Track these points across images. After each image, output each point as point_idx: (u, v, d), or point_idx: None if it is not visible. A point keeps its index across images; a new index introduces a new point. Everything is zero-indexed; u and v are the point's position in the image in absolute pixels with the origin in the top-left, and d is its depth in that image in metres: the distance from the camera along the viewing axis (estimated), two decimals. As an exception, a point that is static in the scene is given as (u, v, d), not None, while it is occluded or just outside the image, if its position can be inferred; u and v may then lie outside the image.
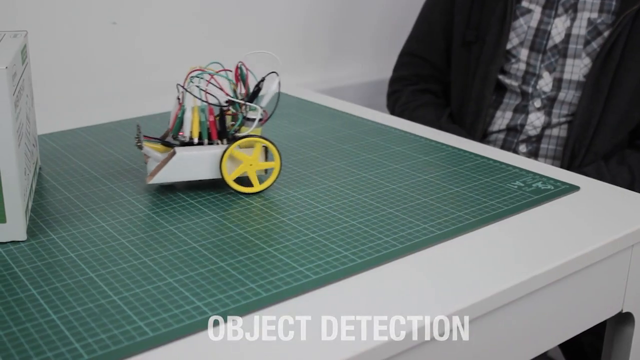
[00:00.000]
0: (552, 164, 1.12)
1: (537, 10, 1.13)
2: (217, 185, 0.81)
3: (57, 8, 1.12)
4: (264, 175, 0.81)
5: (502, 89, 1.18)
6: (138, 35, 1.21)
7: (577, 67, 1.10)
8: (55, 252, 0.66)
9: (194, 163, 0.78)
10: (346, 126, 1.03)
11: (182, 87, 0.78)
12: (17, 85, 0.69)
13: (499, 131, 1.17)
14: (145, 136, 0.81)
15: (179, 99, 0.79)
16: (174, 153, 0.78)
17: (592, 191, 0.81)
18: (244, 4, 1.31)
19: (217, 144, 0.79)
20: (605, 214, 0.75)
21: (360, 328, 0.55)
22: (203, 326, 0.54)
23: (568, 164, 1.11)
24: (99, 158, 0.90)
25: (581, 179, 0.84)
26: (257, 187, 0.79)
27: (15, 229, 0.67)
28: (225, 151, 0.77)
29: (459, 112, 1.22)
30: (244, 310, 0.56)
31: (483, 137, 1.19)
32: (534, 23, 1.13)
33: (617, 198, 0.79)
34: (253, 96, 0.80)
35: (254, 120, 0.79)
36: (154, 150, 0.79)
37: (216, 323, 0.55)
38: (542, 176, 0.84)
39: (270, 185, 0.80)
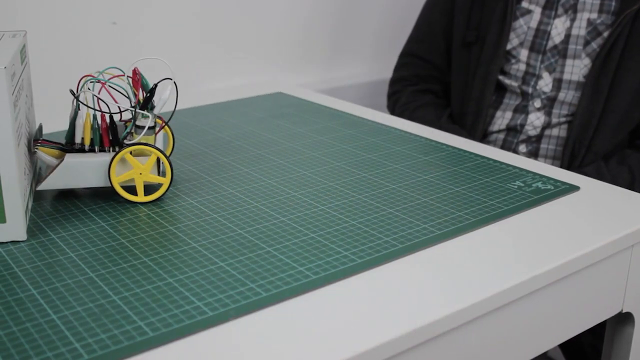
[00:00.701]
0: (552, 164, 1.12)
1: (537, 11, 1.13)
2: (213, 185, 0.81)
3: (57, 8, 1.12)
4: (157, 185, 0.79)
5: (502, 89, 1.18)
6: (138, 36, 1.21)
7: (577, 68, 1.10)
8: (55, 252, 0.66)
9: (82, 170, 0.76)
10: (346, 126, 1.03)
11: (72, 93, 0.76)
12: (16, 85, 0.69)
13: (499, 131, 1.17)
14: (45, 140, 0.78)
15: (75, 104, 0.77)
16: (62, 159, 0.76)
17: (592, 191, 0.81)
18: (244, 4, 1.31)
19: (109, 151, 0.77)
20: (605, 214, 0.75)
21: (360, 328, 0.55)
22: (203, 326, 0.54)
23: (568, 164, 1.11)
24: (98, 158, 0.90)
25: (581, 179, 0.84)
26: (140, 198, 0.77)
27: (15, 228, 0.67)
28: (113, 158, 0.75)
29: (459, 112, 1.22)
30: (244, 310, 0.56)
31: (483, 137, 1.19)
32: (533, 24, 1.13)
33: (617, 198, 0.79)
34: (145, 103, 0.77)
35: (148, 128, 0.77)
36: (47, 155, 0.77)
37: (216, 323, 0.55)
38: (542, 176, 0.84)
39: (156, 199, 0.77)
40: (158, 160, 0.78)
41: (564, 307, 0.70)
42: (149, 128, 0.77)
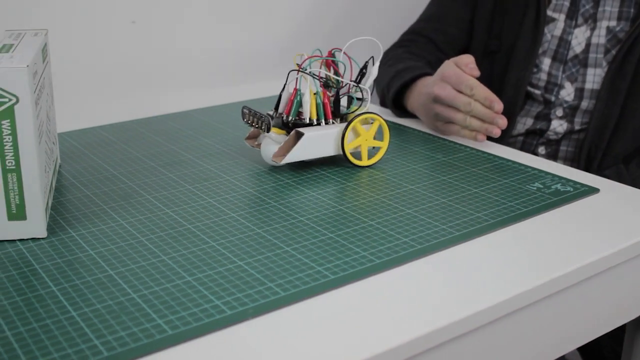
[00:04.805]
0: (571, 166, 1.11)
1: (561, 19, 1.12)
2: (234, 186, 0.81)
3: (77, 7, 1.12)
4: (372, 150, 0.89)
5: (525, 96, 1.17)
6: (157, 34, 1.21)
7: (599, 77, 1.09)
8: (75, 250, 0.66)
9: (319, 142, 0.85)
10: (364, 126, 1.03)
11: (300, 71, 0.84)
12: (37, 83, 0.69)
13: (519, 135, 1.17)
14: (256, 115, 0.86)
15: (292, 84, 0.86)
16: (300, 134, 0.83)
17: (612, 193, 0.80)
18: (252, 5, 1.31)
19: (333, 123, 0.86)
20: (625, 216, 0.75)
21: (378, 329, 0.55)
22: (222, 325, 0.54)
23: (585, 167, 1.10)
24: (118, 156, 0.90)
25: (601, 181, 0.84)
26: (365, 162, 0.86)
27: (36, 226, 0.68)
28: (348, 125, 0.84)
29: None
30: (262, 309, 0.56)
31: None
32: (557, 32, 1.12)
33: (637, 200, 0.79)
34: (361, 78, 0.88)
35: (364, 100, 0.88)
36: (275, 134, 0.85)
37: (235, 322, 0.55)
38: (561, 178, 0.84)
39: (377, 162, 0.88)
40: None
41: (583, 310, 0.70)
42: (363, 99, 0.88)
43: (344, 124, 0.85)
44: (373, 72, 0.88)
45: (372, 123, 0.87)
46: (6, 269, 0.63)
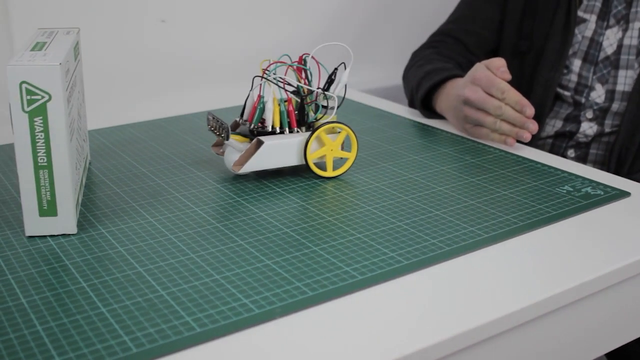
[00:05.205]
0: (601, 169, 1.10)
1: (592, 20, 1.11)
2: (263, 184, 0.81)
3: (108, 6, 1.13)
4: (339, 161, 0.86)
5: (554, 97, 1.16)
6: (186, 33, 1.22)
7: (630, 78, 1.08)
8: (104, 246, 0.67)
9: (280, 151, 0.81)
10: (392, 127, 1.03)
11: (264, 77, 0.81)
12: (69, 81, 0.70)
13: (548, 137, 1.16)
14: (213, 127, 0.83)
15: (257, 91, 0.82)
16: (260, 142, 0.80)
17: (644, 197, 0.79)
18: (266, 9, 1.31)
19: (297, 132, 0.83)
20: (657, 221, 0.74)
21: (406, 329, 0.55)
22: (249, 323, 0.55)
23: (615, 171, 1.09)
24: (147, 154, 0.91)
25: (632, 185, 0.83)
26: (330, 173, 0.83)
27: (66, 222, 0.68)
28: (312, 134, 0.81)
29: None
30: (290, 308, 0.57)
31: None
32: (588, 33, 1.11)
33: (670, 205, 0.78)
34: (329, 85, 0.84)
35: (330, 108, 0.84)
36: (235, 141, 0.82)
37: (262, 320, 0.55)
38: (591, 181, 0.83)
39: (342, 174, 0.84)
40: None
41: (613, 315, 0.69)
42: (332, 108, 0.84)
43: (308, 133, 0.82)
44: (343, 78, 0.83)
45: (339, 132, 0.83)
46: (37, 264, 0.63)
